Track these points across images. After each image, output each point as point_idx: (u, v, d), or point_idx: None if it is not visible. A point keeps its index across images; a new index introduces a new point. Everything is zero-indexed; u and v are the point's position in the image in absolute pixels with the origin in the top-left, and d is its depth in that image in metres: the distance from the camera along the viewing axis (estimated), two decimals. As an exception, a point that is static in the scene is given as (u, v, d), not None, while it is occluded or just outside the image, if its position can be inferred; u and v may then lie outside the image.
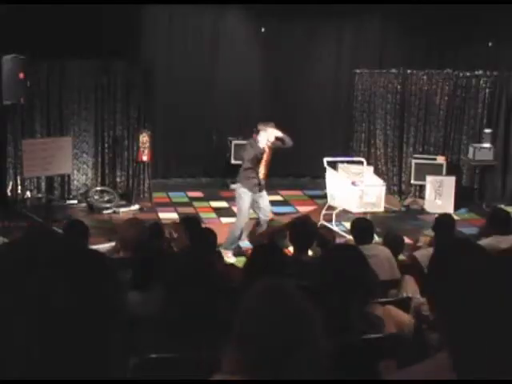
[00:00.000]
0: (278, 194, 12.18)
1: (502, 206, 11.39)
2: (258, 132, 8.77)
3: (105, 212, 10.71)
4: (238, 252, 8.55)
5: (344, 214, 10.11)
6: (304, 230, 5.34)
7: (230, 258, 8.17)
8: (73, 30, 10.67)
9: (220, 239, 6.56)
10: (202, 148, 13.01)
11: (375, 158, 12.37)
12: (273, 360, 1.75)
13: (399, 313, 3.40)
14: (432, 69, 12.02)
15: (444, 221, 6.18)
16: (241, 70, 13.14)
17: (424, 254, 5.06)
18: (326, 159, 10.66)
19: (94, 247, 6.88)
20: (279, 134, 8.70)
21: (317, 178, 12.34)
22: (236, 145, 12.57)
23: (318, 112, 13.31)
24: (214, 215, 10.70)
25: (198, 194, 12.09)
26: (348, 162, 11.15)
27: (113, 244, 7.72)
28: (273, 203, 11.41)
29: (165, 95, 12.63)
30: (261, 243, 5.50)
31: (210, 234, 5.69)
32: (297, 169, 13.42)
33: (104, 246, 7.98)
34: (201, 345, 2.80)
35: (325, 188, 10.84)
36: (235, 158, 12.59)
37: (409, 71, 12.07)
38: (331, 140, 13.22)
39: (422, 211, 11.04)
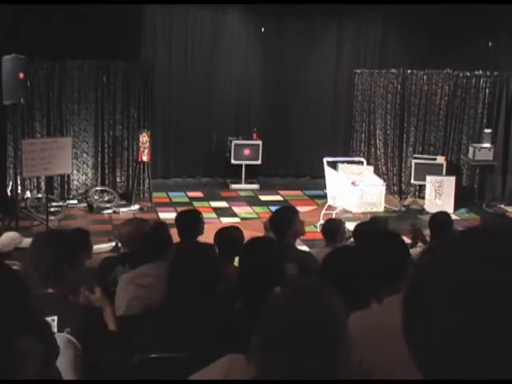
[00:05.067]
0: (278, 194, 12.18)
1: (502, 206, 11.44)
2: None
3: (105, 212, 10.71)
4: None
5: (344, 213, 10.11)
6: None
7: None
8: (73, 29, 10.67)
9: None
10: (201, 148, 13.00)
11: (375, 157, 12.38)
12: (295, 360, 1.75)
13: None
14: (432, 69, 12.02)
15: (440, 219, 6.13)
16: (241, 70, 13.13)
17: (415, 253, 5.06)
18: (325, 159, 10.67)
19: (95, 247, 6.90)
20: None
21: (317, 178, 12.34)
22: (236, 145, 12.56)
23: (318, 112, 13.30)
24: (214, 215, 10.70)
25: (198, 193, 12.08)
26: (348, 162, 11.15)
27: (113, 244, 7.75)
28: (273, 203, 11.45)
29: (165, 95, 12.64)
30: (256, 236, 5.36)
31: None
32: (297, 169, 13.43)
33: (104, 246, 8.00)
34: (199, 344, 2.80)
35: (325, 188, 10.85)
36: (235, 158, 12.59)
37: (409, 71, 12.07)
38: (331, 140, 13.22)
39: (422, 211, 11.04)
